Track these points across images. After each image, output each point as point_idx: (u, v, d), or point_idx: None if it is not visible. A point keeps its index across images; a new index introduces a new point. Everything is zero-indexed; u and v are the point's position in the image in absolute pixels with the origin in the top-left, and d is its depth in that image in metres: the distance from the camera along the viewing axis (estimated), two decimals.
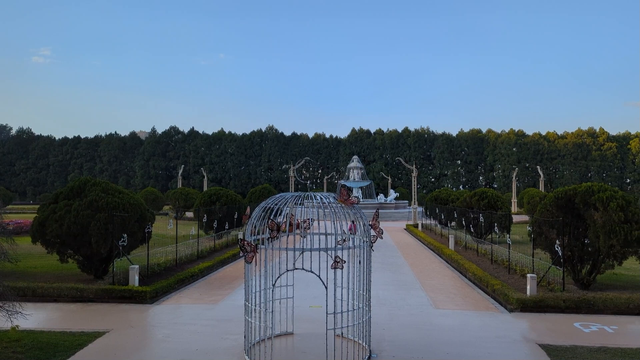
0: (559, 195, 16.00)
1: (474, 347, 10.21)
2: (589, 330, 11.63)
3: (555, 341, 10.57)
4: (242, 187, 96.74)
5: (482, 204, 28.91)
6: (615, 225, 14.27)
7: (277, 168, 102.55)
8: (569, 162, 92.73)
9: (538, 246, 16.92)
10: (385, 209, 58.14)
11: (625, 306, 13.20)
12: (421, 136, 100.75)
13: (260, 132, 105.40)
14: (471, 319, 12.68)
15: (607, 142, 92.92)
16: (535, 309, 13.36)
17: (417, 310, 13.47)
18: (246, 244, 8.65)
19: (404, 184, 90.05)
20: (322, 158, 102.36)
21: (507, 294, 14.13)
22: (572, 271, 15.62)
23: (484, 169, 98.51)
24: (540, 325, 12.11)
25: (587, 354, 9.70)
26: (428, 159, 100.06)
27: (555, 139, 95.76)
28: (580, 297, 13.57)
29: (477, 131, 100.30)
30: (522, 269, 17.72)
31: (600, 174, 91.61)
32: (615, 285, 15.90)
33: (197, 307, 13.73)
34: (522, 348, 10.28)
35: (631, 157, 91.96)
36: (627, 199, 14.85)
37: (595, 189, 15.23)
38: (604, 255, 14.85)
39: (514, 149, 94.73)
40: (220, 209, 28.61)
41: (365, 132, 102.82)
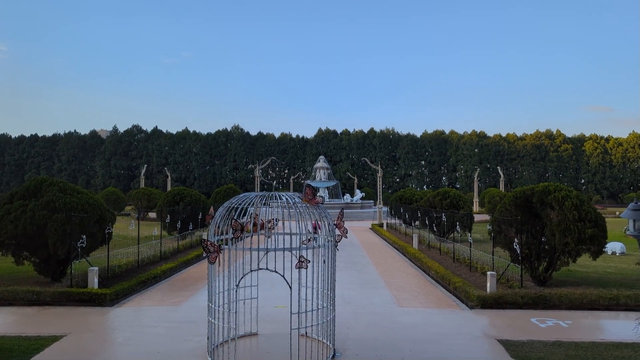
0: (517, 195, 16.49)
1: (436, 344, 10.42)
2: (545, 325, 12.04)
3: (513, 336, 10.90)
4: (207, 187, 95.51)
5: (445, 203, 29.50)
6: (570, 223, 14.80)
7: (242, 168, 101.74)
8: (528, 163, 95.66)
9: (498, 244, 17.39)
10: (351, 209, 58.52)
11: (579, 301, 13.73)
12: (386, 137, 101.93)
13: (225, 132, 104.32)
14: (434, 316, 12.93)
15: (563, 144, 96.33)
16: (495, 305, 13.73)
17: (381, 309, 13.62)
18: (209, 245, 8.56)
19: (370, 184, 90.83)
20: (289, 158, 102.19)
21: (468, 292, 14.47)
22: (529, 268, 16.12)
23: (447, 170, 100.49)
24: (499, 321, 12.46)
25: (542, 348, 10.04)
26: (393, 160, 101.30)
27: (515, 140, 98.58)
28: (537, 294, 14.04)
29: (441, 132, 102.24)
30: (483, 267, 18.17)
31: (557, 174, 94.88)
32: (570, 281, 16.50)
33: (159, 309, 13.48)
34: (482, 344, 10.55)
35: (585, 158, 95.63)
36: (581, 199, 15.43)
37: (551, 188, 15.76)
38: (559, 252, 15.39)
39: (475, 150, 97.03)
40: (184, 209, 28.17)
41: (331, 133, 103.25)
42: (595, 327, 12.50)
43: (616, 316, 13.12)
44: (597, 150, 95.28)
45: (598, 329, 12.37)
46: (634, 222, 5.28)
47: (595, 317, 13.15)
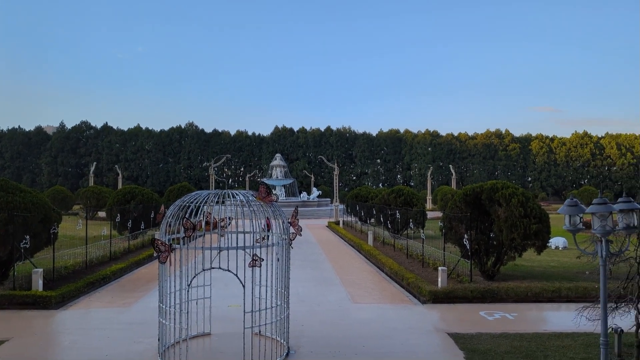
0: (467, 192, 17.00)
1: (389, 338, 10.60)
2: (493, 318, 12.49)
3: (463, 330, 11.23)
4: (160, 185, 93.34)
5: (399, 201, 30.04)
6: (516, 219, 15.39)
7: (197, 166, 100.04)
8: (479, 161, 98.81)
9: (449, 240, 17.87)
10: (308, 207, 58.66)
11: (524, 294, 14.32)
12: (343, 135, 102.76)
13: (179, 129, 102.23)
14: (387, 312, 13.15)
15: (511, 143, 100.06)
16: (446, 300, 14.11)
17: (336, 305, 13.73)
18: (160, 244, 8.37)
19: (327, 182, 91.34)
20: (245, 156, 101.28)
21: (421, 287, 14.80)
22: (479, 263, 16.66)
23: (401, 168, 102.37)
24: (449, 315, 12.82)
25: (489, 340, 10.40)
26: (350, 158, 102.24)
27: (467, 139, 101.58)
28: (485, 288, 14.53)
29: (396, 131, 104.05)
30: (435, 263, 18.62)
31: (505, 172, 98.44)
32: (517, 275, 17.16)
33: (108, 311, 13.08)
34: (433, 338, 10.82)
35: (532, 157, 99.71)
36: (526, 196, 16.08)
37: (499, 186, 16.34)
38: (506, 247, 15.97)
39: (429, 148, 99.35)
40: (136, 208, 27.41)
41: (288, 130, 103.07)
42: (539, 318, 13.07)
43: (558, 307, 13.76)
44: (543, 149, 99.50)
45: (541, 320, 12.94)
46: (569, 218, 5.54)
47: (539, 309, 13.74)
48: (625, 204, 5.16)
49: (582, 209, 5.49)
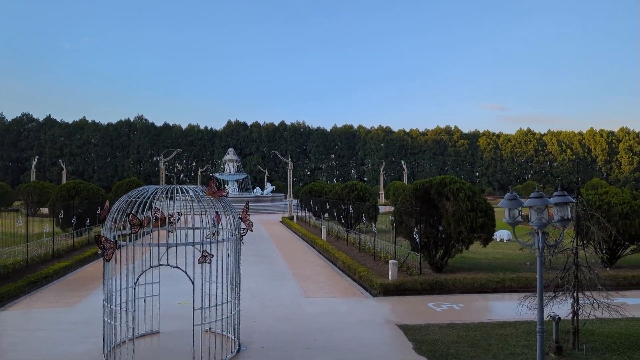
0: (417, 187, 17.38)
1: (340, 332, 10.71)
2: (441, 309, 12.86)
3: (412, 321, 11.50)
4: (108, 180, 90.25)
5: (352, 195, 30.37)
6: (463, 213, 15.89)
7: (147, 160, 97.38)
8: (429, 157, 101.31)
9: (400, 234, 18.23)
10: (261, 202, 58.34)
11: (470, 285, 14.82)
12: (297, 130, 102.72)
13: (128, 122, 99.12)
14: (339, 305, 13.27)
15: (460, 140, 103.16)
16: (396, 292, 14.41)
17: (288, 300, 13.73)
18: (104, 241, 8.08)
19: (281, 177, 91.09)
20: (197, 150, 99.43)
21: (372, 280, 15.04)
22: (428, 256, 17.09)
23: (355, 163, 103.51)
24: (400, 308, 13.10)
25: (437, 330, 10.71)
26: (304, 153, 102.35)
27: (418, 135, 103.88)
28: (434, 280, 14.94)
29: (349, 127, 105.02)
30: (386, 256, 18.95)
31: (455, 167, 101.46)
32: (464, 267, 17.73)
33: (51, 311, 12.54)
34: (383, 330, 11.02)
35: (480, 153, 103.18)
36: (473, 190, 16.61)
37: (447, 181, 16.80)
38: (454, 240, 16.47)
39: (382, 144, 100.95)
40: (80, 204, 26.37)
41: (241, 125, 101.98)
42: (484, 308, 13.57)
43: (502, 298, 14.33)
44: (490, 145, 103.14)
45: (486, 310, 13.44)
46: (509, 211, 5.78)
47: (485, 299, 14.27)
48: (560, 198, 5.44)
49: (520, 202, 5.74)
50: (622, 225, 16.95)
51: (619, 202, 17.43)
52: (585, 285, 9.28)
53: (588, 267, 9.39)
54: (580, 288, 9.34)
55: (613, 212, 17.13)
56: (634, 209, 17.20)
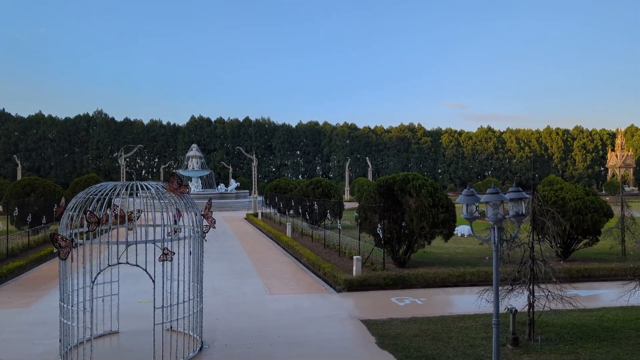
0: (381, 183, 17.56)
1: (304, 328, 10.73)
2: (403, 303, 13.06)
3: (375, 316, 11.64)
4: (66, 177, 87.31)
5: (318, 192, 30.43)
6: (425, 209, 16.16)
7: (106, 156, 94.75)
8: (393, 154, 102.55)
9: (364, 230, 18.39)
10: (225, 199, 57.72)
11: (432, 280, 15.12)
12: (262, 126, 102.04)
13: (87, 117, 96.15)
14: (303, 301, 13.30)
15: (423, 137, 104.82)
16: (360, 287, 14.54)
17: (252, 297, 13.66)
18: (59, 239, 7.82)
19: (246, 174, 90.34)
20: (159, 146, 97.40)
21: (336, 276, 15.13)
22: (391, 251, 17.32)
23: (321, 160, 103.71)
24: (363, 303, 13.23)
25: (400, 324, 10.87)
26: (269, 149, 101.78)
27: (382, 132, 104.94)
28: (397, 275, 15.15)
29: (315, 123, 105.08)
30: (351, 252, 19.08)
31: (418, 164, 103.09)
32: (426, 262, 18.05)
33: (5, 312, 12.07)
34: (347, 325, 11.10)
35: (442, 150, 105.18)
36: (434, 186, 16.92)
37: (410, 177, 17.04)
38: (417, 236, 16.73)
39: (347, 141, 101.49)
40: (36, 201, 25.44)
41: (205, 120, 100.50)
42: (446, 302, 13.86)
43: (462, 291, 14.67)
44: (452, 143, 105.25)
45: (447, 304, 13.74)
46: (466, 206, 5.93)
47: (446, 293, 14.58)
48: (514, 194, 5.62)
49: (477, 198, 5.90)
50: (576, 220, 17.62)
51: (573, 197, 18.11)
52: (540, 278, 9.61)
53: (543, 260, 9.72)
54: (535, 281, 9.66)
55: (567, 208, 17.78)
56: (586, 204, 17.91)
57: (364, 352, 9.30)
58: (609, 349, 9.19)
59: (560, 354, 8.94)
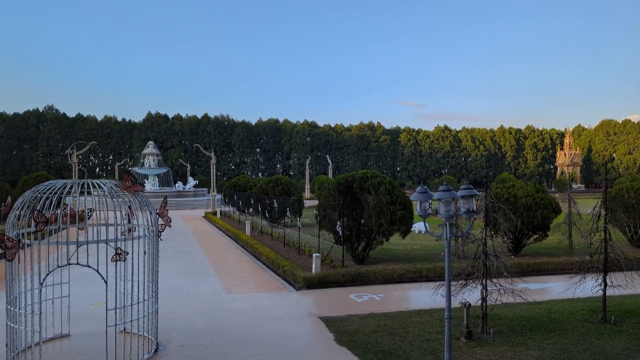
0: (340, 181, 17.68)
1: (263, 326, 10.68)
2: (362, 300, 13.21)
3: (334, 313, 11.71)
4: (14, 174, 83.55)
5: (277, 190, 30.31)
6: (384, 206, 16.38)
7: (58, 153, 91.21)
8: (353, 152, 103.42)
9: (323, 228, 18.46)
10: (183, 197, 56.71)
11: (390, 276, 15.35)
12: (221, 123, 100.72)
13: (37, 112, 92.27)
14: (262, 300, 13.23)
15: (383, 135, 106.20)
16: (319, 285, 14.60)
17: (210, 297, 13.49)
18: (6, 239, 7.48)
19: (204, 172, 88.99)
20: (114, 143, 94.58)
21: (296, 274, 15.13)
22: (350, 248, 17.47)
23: (281, 157, 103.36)
24: (322, 300, 13.29)
25: (358, 321, 10.99)
26: (228, 147, 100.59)
27: (342, 130, 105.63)
28: (356, 271, 15.30)
29: (275, 121, 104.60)
30: (310, 250, 19.14)
31: (377, 162, 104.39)
32: (384, 258, 18.31)
33: None
34: (305, 322, 11.13)
35: (401, 148, 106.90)
36: (393, 184, 17.17)
37: (369, 175, 17.23)
38: (375, 233, 16.94)
39: (307, 139, 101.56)
40: None
41: (162, 117, 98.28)
42: (403, 298, 14.11)
43: (419, 287, 14.96)
44: (410, 141, 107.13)
45: (405, 299, 13.98)
46: (420, 204, 6.06)
47: (403, 289, 14.84)
48: (466, 191, 5.79)
49: (430, 195, 6.04)
50: (527, 216, 18.28)
51: (524, 195, 18.78)
52: (493, 273, 9.92)
53: (495, 256, 10.04)
54: (488, 276, 9.97)
55: (519, 204, 18.43)
56: (536, 201, 18.61)
57: (322, 349, 9.35)
58: (557, 340, 9.60)
59: (511, 346, 9.26)
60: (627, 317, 11.07)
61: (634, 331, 10.14)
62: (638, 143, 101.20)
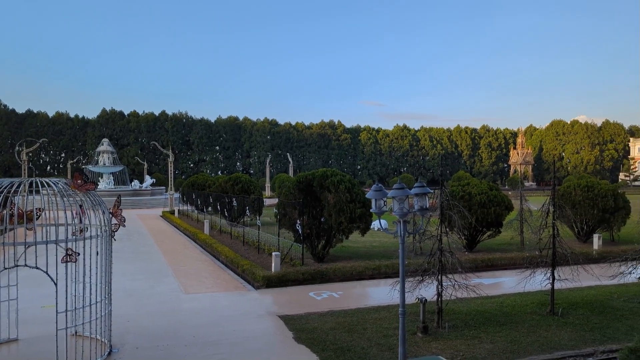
0: (300, 179, 17.70)
1: (221, 326, 10.58)
2: (321, 297, 13.28)
3: (293, 311, 11.73)
4: None
5: (237, 188, 30.03)
6: (343, 204, 16.51)
7: (6, 151, 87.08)
8: (314, 150, 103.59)
9: (283, 226, 18.44)
10: (140, 196, 55.38)
11: (349, 273, 15.50)
12: (179, 121, 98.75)
13: None
14: (221, 300, 13.10)
15: (343, 134, 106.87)
16: (279, 284, 14.58)
17: (166, 297, 13.24)
18: None
19: (162, 170, 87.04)
20: (66, 140, 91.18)
21: (255, 273, 15.05)
22: (310, 246, 17.52)
23: (241, 155, 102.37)
24: (282, 299, 13.28)
25: (317, 318, 11.05)
26: (187, 144, 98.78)
27: (303, 129, 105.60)
28: (315, 269, 15.37)
29: (235, 118, 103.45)
30: (270, 248, 19.06)
31: (338, 161, 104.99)
32: (344, 256, 18.47)
33: None
34: (264, 321, 11.10)
35: (361, 147, 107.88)
36: (352, 182, 17.33)
37: (328, 174, 17.32)
38: (335, 231, 17.06)
39: (268, 137, 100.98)
40: None
41: (117, 114, 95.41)
42: (362, 294, 14.27)
43: (378, 283, 15.18)
44: (370, 140, 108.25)
45: (363, 296, 14.15)
46: (375, 201, 6.16)
47: (362, 286, 15.01)
48: (419, 189, 5.94)
49: (385, 193, 6.15)
50: (481, 213, 18.84)
51: (478, 192, 19.34)
52: (448, 269, 10.19)
53: (451, 252, 10.31)
54: (444, 271, 10.23)
55: (473, 202, 18.97)
56: (490, 198, 19.21)
57: (281, 347, 9.35)
58: (508, 332, 9.95)
59: (465, 339, 9.54)
60: (573, 309, 11.60)
61: (580, 322, 10.63)
62: (585, 143, 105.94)
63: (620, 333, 9.93)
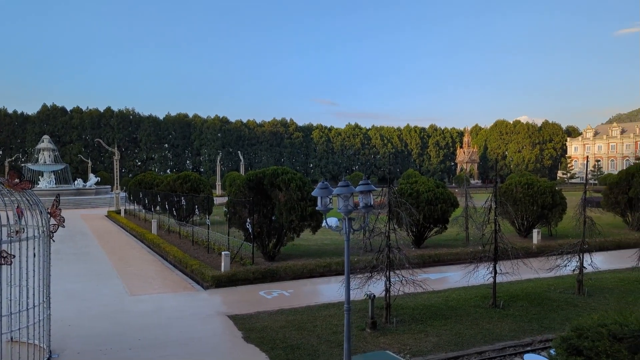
0: (250, 177, 17.55)
1: (168, 328, 10.35)
2: (271, 296, 13.24)
3: (243, 311, 11.63)
4: None
5: (186, 187, 29.41)
6: (294, 203, 16.51)
7: None
8: (266, 148, 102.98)
9: (233, 225, 18.22)
10: (84, 195, 53.28)
11: (300, 272, 15.53)
12: (126, 117, 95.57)
13: None
14: (168, 301, 12.81)
15: (296, 132, 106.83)
16: (229, 283, 14.41)
17: (111, 300, 12.80)
18: None
19: (107, 168, 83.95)
20: (3, 137, 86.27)
21: (204, 273, 14.80)
22: (261, 245, 17.42)
23: (191, 153, 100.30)
24: (231, 298, 13.13)
25: (267, 317, 11.01)
26: (134, 142, 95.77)
27: (255, 127, 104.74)
28: (266, 268, 15.30)
29: (184, 115, 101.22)
30: (220, 248, 18.79)
31: (291, 159, 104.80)
32: (295, 254, 18.47)
33: None
34: (213, 322, 10.95)
35: (313, 145, 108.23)
36: (303, 181, 17.35)
37: (279, 172, 17.27)
38: (286, 229, 17.04)
39: (219, 134, 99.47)
40: None
41: (59, 110, 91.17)
42: (313, 292, 14.33)
43: (328, 281, 15.29)
44: (323, 138, 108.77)
45: (314, 294, 14.21)
46: (321, 199, 6.20)
47: (313, 283, 15.08)
48: (363, 187, 6.03)
49: (330, 191, 6.21)
50: (428, 210, 19.34)
51: (426, 190, 19.84)
52: (396, 265, 10.40)
53: (398, 248, 10.53)
54: (392, 267, 10.43)
55: (421, 199, 19.44)
56: (437, 195, 19.75)
57: (230, 347, 9.26)
58: (453, 325, 10.28)
59: (412, 333, 9.78)
60: (514, 302, 12.12)
61: (520, 314, 11.13)
62: (526, 142, 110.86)
63: (556, 323, 10.47)
